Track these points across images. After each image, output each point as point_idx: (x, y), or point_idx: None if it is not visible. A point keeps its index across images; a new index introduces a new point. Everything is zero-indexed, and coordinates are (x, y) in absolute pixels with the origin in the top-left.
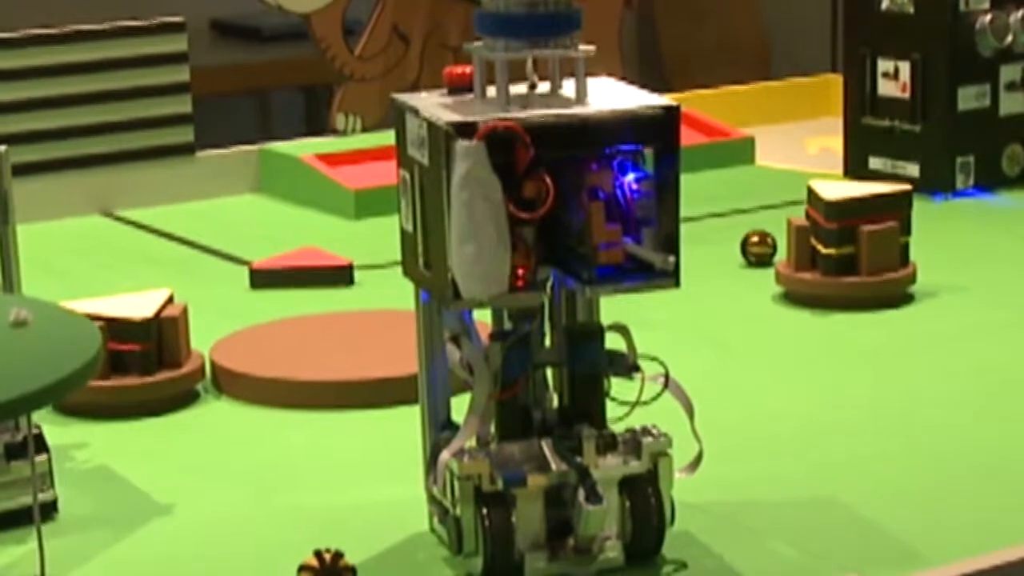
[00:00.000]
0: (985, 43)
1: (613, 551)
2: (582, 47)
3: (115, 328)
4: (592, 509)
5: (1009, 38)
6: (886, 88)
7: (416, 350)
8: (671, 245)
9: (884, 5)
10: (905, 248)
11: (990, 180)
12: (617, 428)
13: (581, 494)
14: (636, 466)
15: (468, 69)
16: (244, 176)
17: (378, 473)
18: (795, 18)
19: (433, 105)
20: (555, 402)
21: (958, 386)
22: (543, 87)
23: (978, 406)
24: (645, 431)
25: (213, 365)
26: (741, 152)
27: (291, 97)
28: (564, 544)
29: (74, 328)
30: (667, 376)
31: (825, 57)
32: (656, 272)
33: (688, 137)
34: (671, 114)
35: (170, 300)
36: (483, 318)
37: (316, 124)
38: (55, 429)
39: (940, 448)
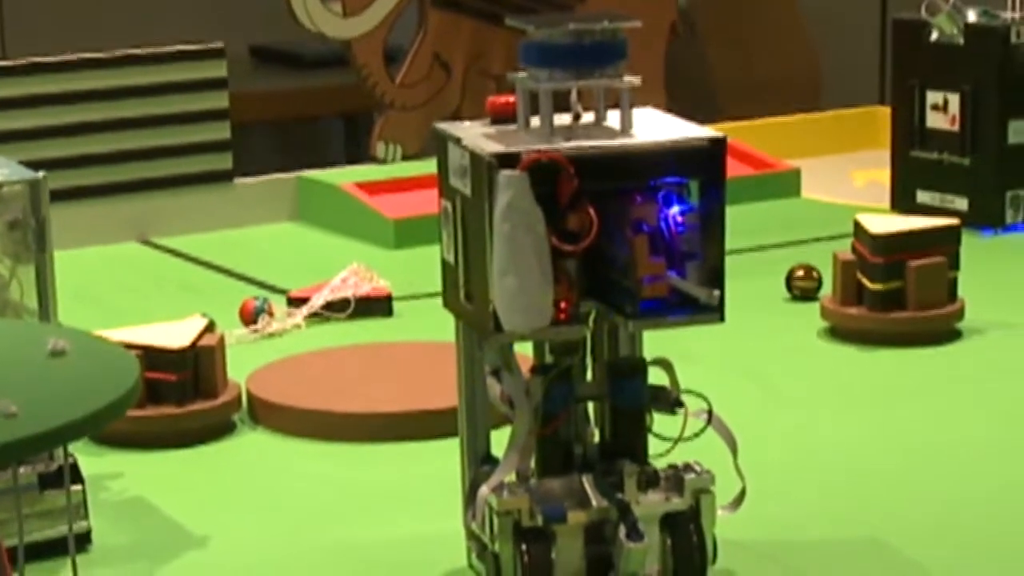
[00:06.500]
0: None
1: None
2: (627, 78)
3: (151, 357)
4: (633, 546)
5: None
6: (935, 120)
7: (456, 383)
8: (716, 279)
9: (934, 37)
10: (953, 283)
11: None
12: (659, 464)
13: (622, 531)
14: (678, 503)
15: (511, 99)
16: (283, 204)
17: (416, 507)
18: (844, 49)
19: (476, 135)
20: (596, 437)
21: (1006, 424)
22: (587, 118)
23: None
24: (688, 467)
25: (250, 395)
26: (787, 184)
27: (331, 124)
28: None
29: (112, 358)
30: (710, 412)
31: (873, 89)
32: (701, 306)
33: (734, 169)
34: (717, 146)
35: (209, 328)
36: (524, 351)
37: (356, 152)
38: (90, 459)
39: (988, 488)
